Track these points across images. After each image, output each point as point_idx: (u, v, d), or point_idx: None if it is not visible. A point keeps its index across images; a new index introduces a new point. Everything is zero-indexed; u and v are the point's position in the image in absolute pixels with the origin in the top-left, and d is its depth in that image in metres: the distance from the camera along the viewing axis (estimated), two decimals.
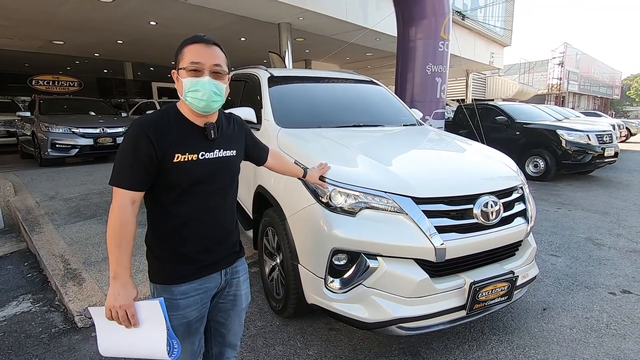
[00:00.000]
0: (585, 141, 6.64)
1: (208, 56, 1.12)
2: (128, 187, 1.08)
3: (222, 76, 1.15)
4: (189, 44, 1.12)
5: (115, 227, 1.06)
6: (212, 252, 1.23)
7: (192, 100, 1.12)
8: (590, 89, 39.55)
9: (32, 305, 2.62)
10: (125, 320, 1.05)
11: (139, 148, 1.07)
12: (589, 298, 2.60)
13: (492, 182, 2.00)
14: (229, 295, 1.31)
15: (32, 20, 8.62)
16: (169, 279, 1.17)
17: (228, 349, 1.38)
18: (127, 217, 1.07)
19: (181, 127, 1.15)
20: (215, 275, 1.24)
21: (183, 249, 1.17)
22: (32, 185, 5.36)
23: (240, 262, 1.35)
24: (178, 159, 1.11)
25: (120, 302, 1.04)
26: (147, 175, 1.09)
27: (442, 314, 1.78)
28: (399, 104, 3.49)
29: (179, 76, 1.14)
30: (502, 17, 16.50)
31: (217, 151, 1.20)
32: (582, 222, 4.37)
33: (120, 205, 1.07)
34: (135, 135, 1.08)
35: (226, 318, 1.33)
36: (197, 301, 1.19)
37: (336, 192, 1.81)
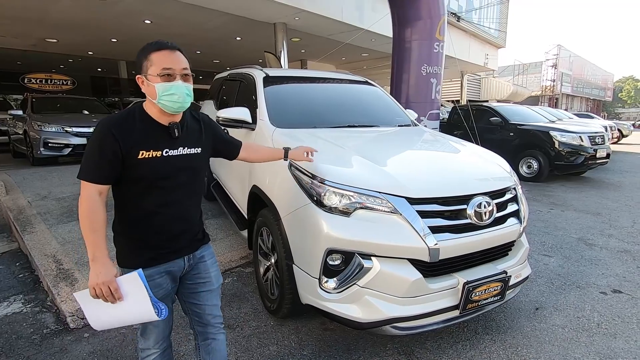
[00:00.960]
0: (577, 142, 6.71)
1: (176, 61, 1.21)
2: (94, 181, 1.17)
3: (190, 78, 1.25)
4: (155, 51, 1.20)
5: (86, 215, 1.16)
6: (176, 241, 1.33)
7: (167, 102, 1.21)
8: (583, 91, 39.99)
9: (24, 306, 2.59)
10: (109, 296, 1.13)
11: (104, 145, 1.16)
12: (581, 298, 2.63)
13: (485, 182, 2.02)
14: (197, 278, 1.43)
15: (25, 18, 8.51)
16: (135, 264, 1.23)
17: (208, 327, 1.48)
18: (95, 206, 1.17)
19: (146, 126, 1.24)
20: (179, 260, 1.35)
21: (147, 238, 1.28)
22: (24, 185, 5.29)
23: (206, 248, 1.46)
24: (142, 156, 1.20)
25: (102, 279, 1.12)
26: (112, 170, 1.18)
27: (436, 314, 1.80)
28: (394, 104, 3.50)
29: (147, 81, 1.21)
30: (496, 19, 16.63)
31: (180, 149, 1.29)
32: (575, 222, 4.42)
33: (88, 196, 1.17)
34: (102, 133, 1.17)
35: (198, 299, 1.44)
36: (161, 283, 1.31)
37: (330, 192, 1.82)
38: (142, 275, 1.16)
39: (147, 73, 1.20)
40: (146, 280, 1.18)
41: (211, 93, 4.70)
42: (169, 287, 1.35)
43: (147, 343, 1.39)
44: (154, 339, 1.38)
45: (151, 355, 1.40)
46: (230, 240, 3.57)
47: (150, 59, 1.20)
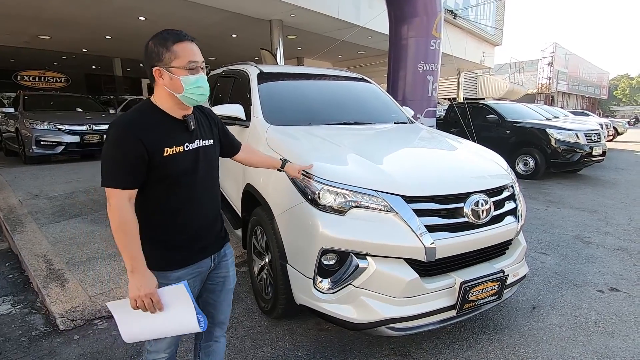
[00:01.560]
0: (574, 140, 6.71)
1: (198, 54, 1.19)
2: (123, 187, 1.11)
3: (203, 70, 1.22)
4: (178, 42, 1.14)
5: (120, 227, 1.11)
6: (202, 239, 1.30)
7: (194, 95, 1.18)
8: (578, 89, 40.15)
9: (13, 307, 2.54)
10: (151, 307, 1.13)
11: (127, 148, 1.10)
12: (578, 296, 2.62)
13: (482, 180, 1.99)
14: (218, 277, 1.40)
15: (17, 15, 8.39)
16: (164, 266, 1.22)
17: (217, 327, 1.47)
18: (128, 215, 1.12)
19: (164, 122, 1.19)
20: (206, 260, 1.33)
21: (174, 238, 1.24)
22: (15, 184, 5.22)
23: (227, 247, 1.46)
24: (167, 153, 1.16)
25: (144, 292, 1.11)
26: (140, 173, 1.13)
27: (432, 314, 1.77)
28: (390, 101, 3.46)
29: (169, 74, 1.15)
30: (493, 16, 16.63)
31: (197, 141, 1.26)
32: (571, 220, 4.41)
33: (119, 205, 1.11)
34: (121, 136, 1.11)
35: (215, 299, 1.42)
36: (190, 284, 1.23)
37: (325, 190, 1.78)
38: (187, 287, 1.15)
39: (170, 65, 1.14)
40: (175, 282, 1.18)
41: None
42: (197, 290, 1.32)
43: (159, 346, 1.31)
44: (167, 343, 1.32)
45: (159, 359, 1.34)
46: None
47: (174, 51, 1.14)
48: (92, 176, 5.87)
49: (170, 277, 1.23)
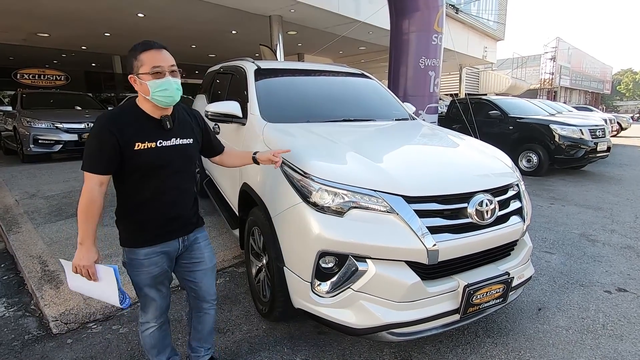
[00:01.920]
0: (578, 136, 6.61)
1: (164, 59, 1.33)
2: (95, 172, 1.31)
3: (177, 74, 1.38)
4: (143, 51, 1.31)
5: (84, 206, 1.31)
6: (170, 224, 1.47)
7: (160, 98, 1.33)
8: (581, 84, 39.82)
9: (6, 309, 2.49)
10: (87, 276, 1.35)
11: (104, 140, 1.29)
12: (585, 297, 2.54)
13: (487, 179, 1.91)
14: (193, 258, 1.59)
15: (12, 11, 8.29)
16: (134, 243, 1.44)
17: (202, 302, 1.67)
18: (95, 197, 1.31)
19: (140, 120, 1.36)
20: (173, 242, 1.50)
21: (145, 221, 1.43)
22: (12, 183, 5.17)
23: (199, 231, 1.62)
24: (138, 147, 1.33)
25: (83, 263, 1.33)
26: (111, 162, 1.31)
27: (435, 319, 1.70)
28: (390, 97, 3.38)
29: (139, 80, 1.32)
30: (495, 11, 16.43)
31: (173, 139, 1.42)
32: (576, 217, 4.33)
33: (90, 187, 1.31)
34: (100, 128, 1.30)
35: (194, 277, 1.61)
36: (157, 261, 1.46)
37: (323, 190, 1.71)
38: (117, 271, 1.35)
39: (139, 72, 1.31)
40: (143, 258, 1.43)
41: (203, 87, 4.56)
42: (165, 266, 1.49)
43: (147, 317, 1.55)
44: (152, 313, 1.54)
45: (150, 328, 1.56)
46: (223, 238, 3.46)
47: (140, 59, 1.31)
48: None
49: (139, 253, 1.43)
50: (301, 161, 1.84)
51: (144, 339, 1.60)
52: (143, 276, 1.45)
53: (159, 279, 1.48)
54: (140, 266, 1.44)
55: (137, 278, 1.46)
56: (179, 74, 1.38)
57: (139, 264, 1.44)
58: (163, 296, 1.54)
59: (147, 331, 1.57)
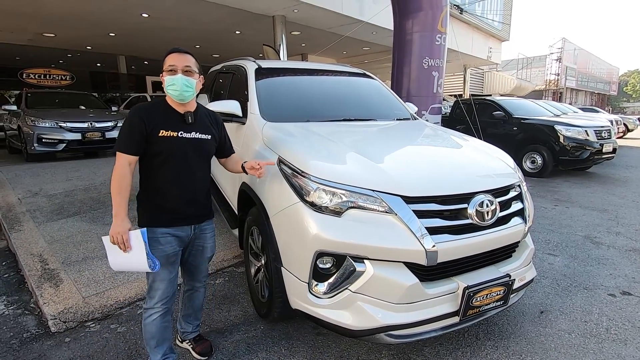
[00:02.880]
0: (583, 137, 6.54)
1: (181, 60, 1.57)
2: (126, 152, 1.53)
3: (192, 74, 1.59)
4: (169, 54, 1.59)
5: (117, 180, 1.52)
6: (184, 209, 1.67)
7: (170, 91, 1.58)
8: (587, 85, 39.48)
9: (6, 307, 2.50)
10: (121, 243, 1.48)
11: (133, 125, 1.54)
12: (588, 300, 2.50)
13: (488, 179, 1.88)
14: (198, 245, 1.79)
15: (18, 11, 8.36)
16: (153, 222, 1.62)
17: (195, 282, 1.90)
18: (125, 173, 1.53)
19: (167, 112, 1.62)
20: (186, 227, 1.69)
21: (163, 203, 1.62)
22: (15, 181, 5.20)
23: (208, 223, 1.81)
24: (162, 134, 1.56)
25: (118, 230, 1.48)
26: (139, 145, 1.55)
27: (434, 321, 1.67)
28: (392, 97, 3.36)
29: (162, 76, 1.59)
30: (500, 11, 16.34)
31: (193, 133, 1.65)
32: (580, 219, 4.28)
33: (121, 164, 1.53)
34: (132, 115, 1.56)
35: (194, 261, 1.83)
36: (172, 241, 1.65)
37: (321, 190, 1.69)
38: (145, 234, 1.51)
39: (162, 70, 1.57)
40: (160, 236, 1.61)
41: (205, 87, 4.54)
42: (176, 248, 1.66)
43: (153, 301, 1.67)
44: (158, 297, 1.66)
45: (154, 314, 1.67)
46: (223, 238, 3.45)
47: (165, 60, 1.58)
48: (92, 174, 5.84)
49: (156, 231, 1.60)
50: (299, 160, 1.82)
51: (145, 327, 1.69)
52: (157, 254, 1.58)
53: (172, 258, 1.65)
54: (156, 243, 1.59)
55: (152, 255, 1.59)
56: (194, 75, 1.59)
57: (155, 242, 1.59)
58: (172, 279, 1.68)
59: (150, 317, 1.67)
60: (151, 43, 11.93)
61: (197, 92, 1.64)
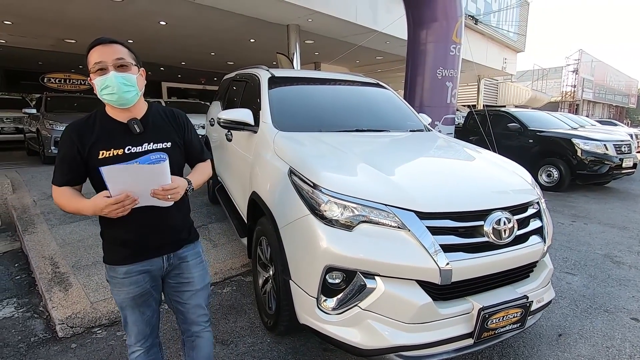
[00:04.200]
0: (602, 151, 6.36)
1: (108, 53, 1.18)
2: (56, 183, 1.24)
3: (127, 68, 1.21)
4: (91, 49, 1.19)
5: (63, 203, 1.23)
6: (151, 239, 1.32)
7: (106, 97, 1.20)
8: (605, 97, 38.67)
9: (16, 310, 2.51)
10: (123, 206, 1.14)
11: (64, 149, 1.22)
12: (609, 324, 2.38)
13: (505, 196, 1.82)
14: (180, 277, 1.42)
15: (41, 19, 8.65)
16: (113, 260, 1.32)
17: (194, 325, 1.47)
18: (62, 200, 1.24)
19: (105, 126, 1.25)
20: (157, 259, 1.35)
21: (123, 235, 1.29)
22: (31, 183, 5.30)
23: (189, 249, 1.43)
24: (103, 155, 1.21)
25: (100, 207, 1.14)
26: (74, 173, 1.23)
27: (447, 342, 1.60)
28: (405, 108, 3.32)
29: (92, 80, 1.20)
30: (516, 22, 16.19)
31: (145, 145, 1.27)
32: (599, 236, 4.13)
33: (55, 196, 1.25)
34: (62, 138, 1.23)
35: (182, 298, 1.44)
36: (138, 280, 1.32)
37: (332, 203, 1.65)
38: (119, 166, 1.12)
39: (89, 72, 1.20)
40: (123, 277, 1.30)
41: (219, 94, 4.60)
42: (148, 286, 1.35)
43: (130, 340, 1.40)
44: (134, 337, 1.39)
45: (135, 352, 1.40)
46: (232, 246, 3.43)
47: (88, 59, 1.19)
48: None
49: (118, 270, 1.31)
50: (310, 172, 1.79)
51: None
52: (123, 296, 1.32)
53: (140, 299, 1.34)
54: (120, 285, 1.32)
55: (118, 297, 1.34)
56: (132, 68, 1.21)
57: (118, 283, 1.32)
58: (146, 319, 1.38)
59: (132, 355, 1.41)
60: (167, 50, 12.17)
61: (142, 89, 1.28)
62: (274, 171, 2.09)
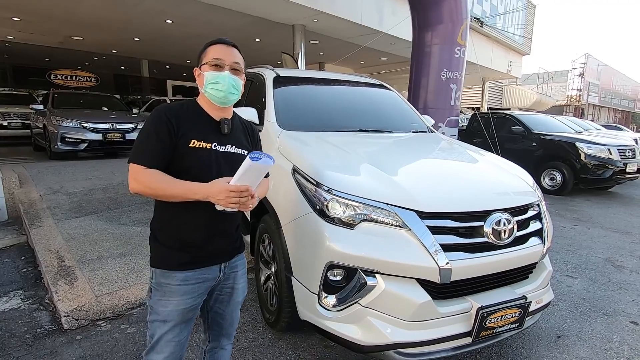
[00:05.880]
0: (606, 155, 6.35)
1: (229, 54, 1.24)
2: (143, 163, 1.13)
3: (240, 73, 1.26)
4: (213, 44, 1.26)
5: (161, 186, 1.12)
6: (213, 243, 1.26)
7: (212, 91, 1.22)
8: (611, 102, 38.45)
9: (22, 302, 2.56)
10: (241, 196, 1.07)
11: (159, 128, 1.16)
12: (608, 327, 2.40)
13: (505, 197, 1.84)
14: (226, 287, 1.35)
15: (51, 16, 8.76)
16: (170, 265, 1.21)
17: (224, 338, 1.44)
18: (150, 177, 1.13)
19: (199, 118, 1.25)
20: (215, 267, 1.28)
21: (184, 236, 1.21)
22: (38, 178, 5.37)
23: (240, 257, 1.39)
24: (193, 144, 1.19)
25: (218, 190, 1.08)
26: (164, 155, 1.16)
27: (445, 341, 1.63)
28: (409, 109, 3.34)
29: (201, 71, 1.25)
30: (521, 25, 16.14)
31: (228, 146, 1.27)
32: (601, 241, 4.13)
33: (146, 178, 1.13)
34: (157, 117, 1.18)
35: (224, 309, 1.38)
36: (194, 289, 1.23)
37: (334, 201, 1.68)
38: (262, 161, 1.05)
39: (201, 63, 1.25)
40: (179, 284, 1.20)
41: None
42: (199, 299, 1.26)
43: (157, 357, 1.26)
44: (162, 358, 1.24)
45: None
46: None
47: (206, 52, 1.25)
48: (111, 174, 5.99)
49: (174, 277, 1.21)
50: (314, 170, 1.83)
51: None
52: (171, 307, 1.21)
53: (189, 314, 1.25)
54: (171, 294, 1.20)
55: (164, 309, 1.21)
56: (242, 74, 1.27)
57: (170, 291, 1.20)
58: (182, 341, 1.27)
59: None
60: (174, 48, 12.27)
61: (240, 95, 1.30)
62: (278, 169, 2.12)
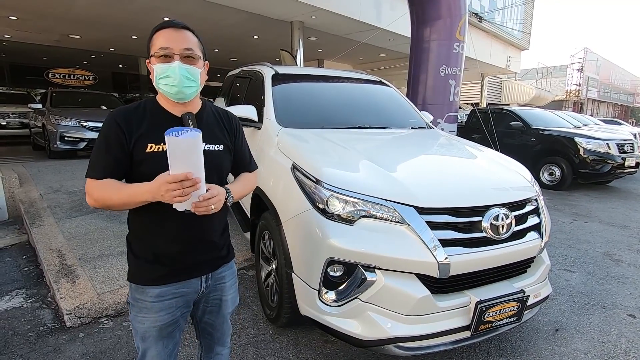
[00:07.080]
0: (604, 150, 6.37)
1: (177, 40, 1.06)
2: (100, 177, 1.04)
3: (195, 60, 1.09)
4: (159, 30, 1.08)
5: (110, 196, 1.02)
6: (191, 255, 1.15)
7: (164, 87, 1.08)
8: (610, 96, 38.44)
9: (25, 300, 2.57)
10: (185, 189, 0.93)
11: (109, 138, 1.05)
12: (606, 320, 2.42)
13: (503, 192, 1.86)
14: (214, 299, 1.26)
15: (47, 14, 8.71)
16: (143, 279, 1.12)
17: (217, 346, 1.37)
18: (104, 183, 1.04)
19: (156, 117, 1.11)
20: (194, 280, 1.18)
21: (158, 248, 1.12)
22: (38, 177, 5.37)
23: (227, 267, 1.28)
24: (151, 149, 1.06)
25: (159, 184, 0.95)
26: (118, 164, 1.06)
27: (444, 334, 1.65)
28: (408, 105, 3.35)
29: (150, 65, 1.09)
30: (520, 20, 16.10)
31: None
32: (599, 235, 4.15)
33: (87, 191, 1.05)
34: (106, 125, 1.07)
35: (213, 320, 1.31)
36: (171, 305, 1.14)
37: (334, 197, 1.69)
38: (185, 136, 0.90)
39: (150, 55, 1.08)
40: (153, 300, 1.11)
41: (223, 90, 4.64)
42: (178, 314, 1.16)
43: None
44: None
45: None
46: (235, 241, 3.48)
47: (153, 39, 1.08)
48: None
49: (148, 293, 1.12)
50: (313, 167, 1.84)
51: None
52: (148, 324, 1.13)
53: (167, 330, 1.15)
54: (147, 311, 1.12)
55: (141, 326, 1.14)
56: (198, 61, 1.10)
57: (145, 308, 1.12)
58: (167, 353, 1.19)
59: None
60: None
61: (202, 85, 1.14)
62: (278, 167, 2.14)
